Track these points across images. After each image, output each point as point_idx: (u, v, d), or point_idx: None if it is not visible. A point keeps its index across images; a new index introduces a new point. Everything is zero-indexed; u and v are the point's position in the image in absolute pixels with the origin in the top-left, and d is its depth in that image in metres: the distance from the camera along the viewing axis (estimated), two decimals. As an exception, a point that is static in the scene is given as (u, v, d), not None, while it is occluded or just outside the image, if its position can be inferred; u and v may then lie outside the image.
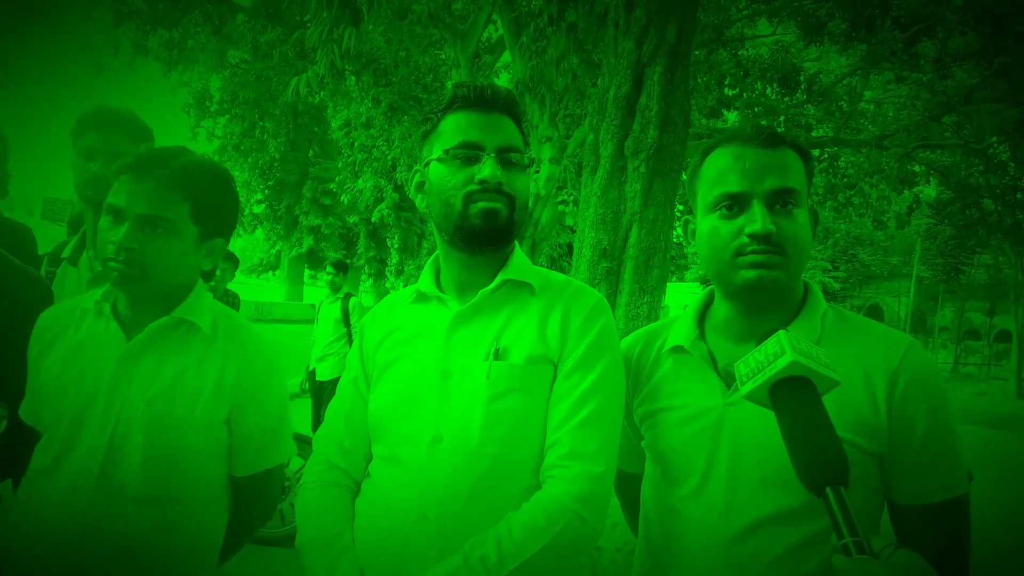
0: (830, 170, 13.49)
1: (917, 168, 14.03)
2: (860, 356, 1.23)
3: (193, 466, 1.54)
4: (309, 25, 5.70)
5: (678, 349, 1.39)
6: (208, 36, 12.08)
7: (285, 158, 28.28)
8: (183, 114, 22.68)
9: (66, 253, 2.25)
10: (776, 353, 1.03)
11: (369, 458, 1.45)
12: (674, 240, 4.65)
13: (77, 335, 1.58)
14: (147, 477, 1.48)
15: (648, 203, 4.33)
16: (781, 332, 1.05)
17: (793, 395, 1.02)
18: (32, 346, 1.62)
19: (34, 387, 1.60)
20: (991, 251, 26.01)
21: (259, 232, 33.80)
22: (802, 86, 11.75)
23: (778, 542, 1.20)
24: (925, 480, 1.21)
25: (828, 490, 0.95)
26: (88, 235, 2.20)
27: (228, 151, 25.01)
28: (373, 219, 25.28)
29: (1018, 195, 15.23)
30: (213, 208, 1.59)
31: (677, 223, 1.63)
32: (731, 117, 13.12)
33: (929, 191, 18.95)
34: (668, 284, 4.90)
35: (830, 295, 33.47)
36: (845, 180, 13.74)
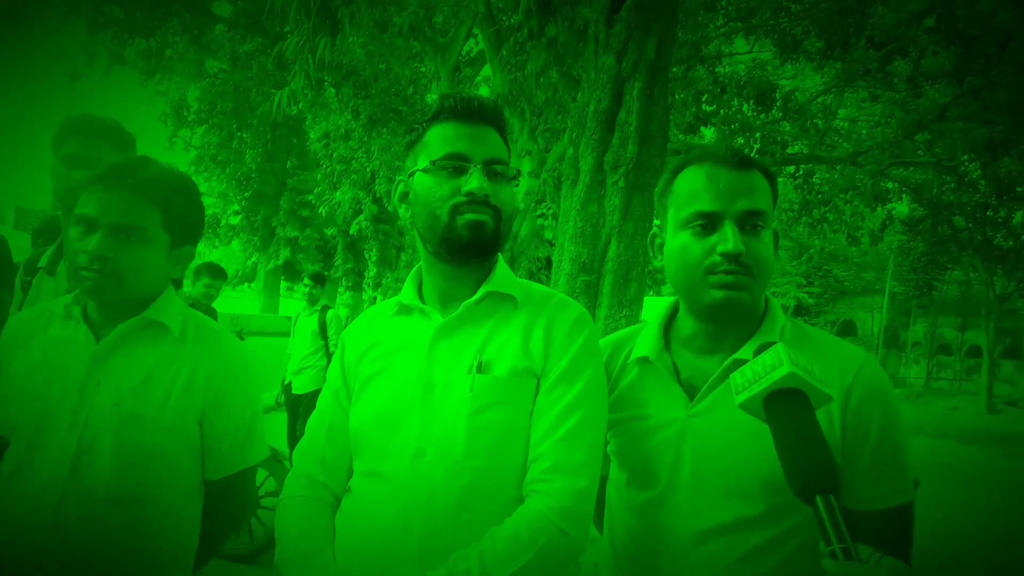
0: (805, 186, 13.67)
1: (890, 185, 14.24)
2: None
3: (164, 467, 1.54)
4: (289, 36, 5.67)
5: (643, 360, 1.43)
6: (186, 45, 12.02)
7: (262, 169, 27.97)
8: (160, 123, 22.43)
9: (42, 262, 2.20)
10: (773, 365, 1.05)
11: (350, 472, 1.43)
12: (651, 254, 4.67)
13: (47, 338, 1.58)
14: (117, 478, 1.47)
15: (627, 217, 4.35)
16: (779, 345, 1.08)
17: (787, 406, 1.05)
18: (1, 351, 1.60)
19: (3, 391, 1.58)
20: (962, 267, 26.40)
21: (235, 243, 33.36)
22: (778, 103, 11.89)
23: (737, 546, 1.27)
24: (874, 488, 1.26)
25: (818, 498, 0.97)
26: (65, 244, 2.16)
27: (205, 161, 24.74)
28: (351, 231, 25.07)
29: (988, 212, 15.49)
30: (182, 215, 1.61)
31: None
32: (708, 133, 13.24)
33: (902, 208, 19.21)
34: (646, 298, 4.92)
35: (804, 310, 33.79)
36: (819, 196, 13.93)
